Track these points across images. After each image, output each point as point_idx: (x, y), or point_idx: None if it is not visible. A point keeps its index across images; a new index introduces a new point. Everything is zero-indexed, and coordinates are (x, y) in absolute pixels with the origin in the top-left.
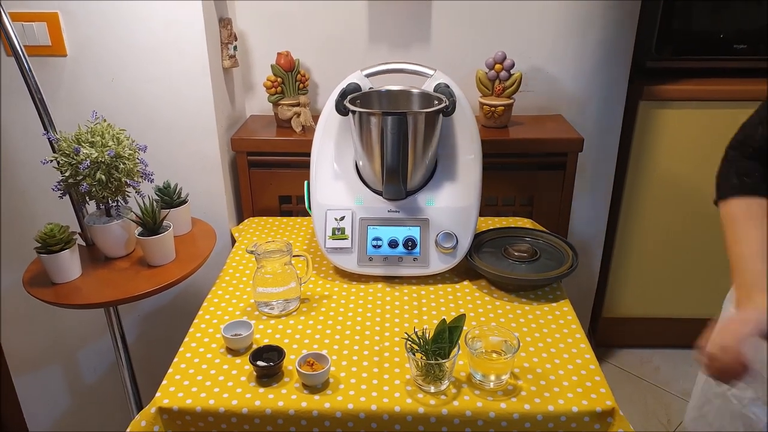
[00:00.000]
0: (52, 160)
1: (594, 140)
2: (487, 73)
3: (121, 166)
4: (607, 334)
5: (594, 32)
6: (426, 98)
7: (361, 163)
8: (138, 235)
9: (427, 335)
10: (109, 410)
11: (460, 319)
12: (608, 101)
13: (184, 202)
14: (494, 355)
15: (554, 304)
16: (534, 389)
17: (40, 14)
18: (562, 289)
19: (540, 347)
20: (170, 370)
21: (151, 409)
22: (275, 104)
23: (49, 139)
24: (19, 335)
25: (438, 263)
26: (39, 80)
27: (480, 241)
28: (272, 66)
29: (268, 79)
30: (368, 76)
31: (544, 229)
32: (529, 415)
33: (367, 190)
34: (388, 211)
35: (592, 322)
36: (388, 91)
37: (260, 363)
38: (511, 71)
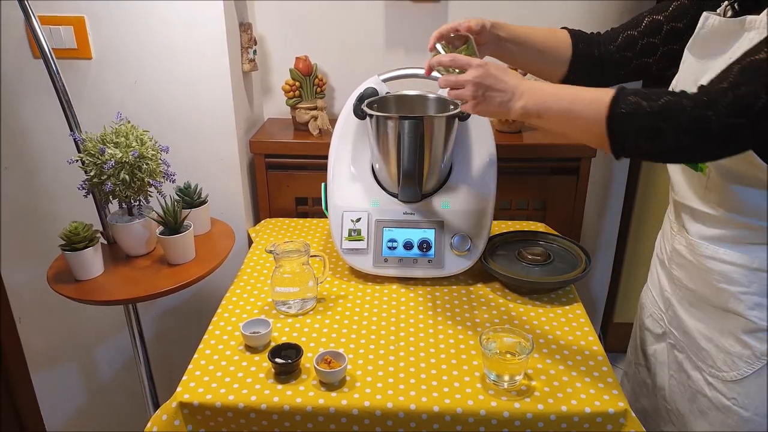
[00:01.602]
0: (77, 160)
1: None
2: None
3: (144, 166)
4: (617, 340)
5: None
6: (442, 103)
7: (377, 166)
8: (159, 234)
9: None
10: (125, 406)
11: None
12: None
13: (204, 202)
14: (508, 355)
15: (567, 307)
16: (547, 390)
17: (68, 18)
18: (575, 293)
19: (553, 349)
20: (190, 366)
21: (172, 403)
22: (293, 108)
23: (75, 139)
24: (37, 332)
25: (452, 265)
26: (65, 82)
27: (494, 244)
28: (290, 70)
29: (286, 83)
30: (385, 80)
31: (557, 233)
32: (543, 415)
33: (383, 192)
34: (404, 214)
35: (603, 327)
36: (405, 96)
37: (279, 360)
38: (527, 77)
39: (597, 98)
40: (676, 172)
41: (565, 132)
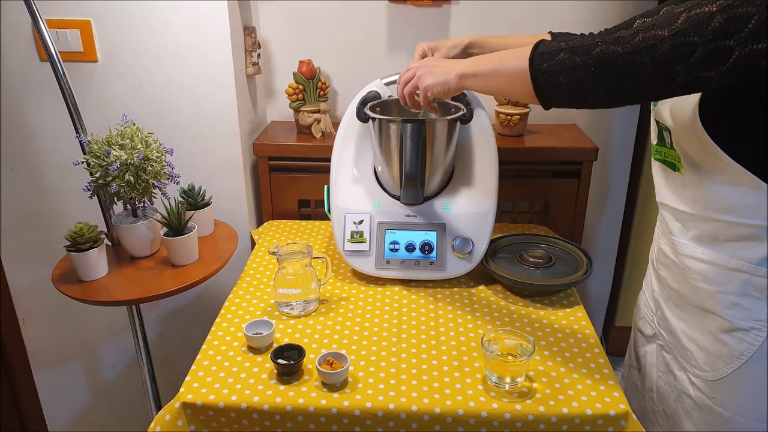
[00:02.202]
0: (83, 162)
1: (608, 149)
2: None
3: (149, 168)
4: (619, 343)
5: None
6: (444, 106)
7: (379, 168)
8: (163, 235)
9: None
10: (128, 407)
11: None
12: (623, 111)
13: (208, 204)
14: (510, 357)
15: (568, 310)
16: (548, 392)
17: (75, 21)
18: (576, 295)
19: (554, 351)
20: (193, 367)
21: (175, 404)
22: (296, 111)
23: (80, 141)
24: (42, 332)
25: (454, 268)
26: (71, 85)
27: (496, 246)
28: (294, 74)
29: (290, 86)
30: (388, 84)
31: (558, 236)
32: (544, 417)
33: (386, 194)
34: (406, 216)
35: (605, 330)
36: None
37: (281, 361)
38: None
39: (523, 49)
40: (657, 174)
41: (500, 89)
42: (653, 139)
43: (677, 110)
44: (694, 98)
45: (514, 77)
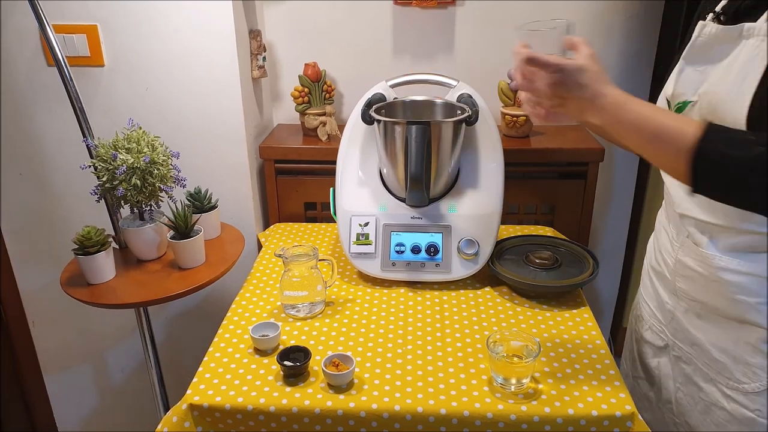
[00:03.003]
0: (90, 166)
1: (615, 150)
2: (509, 83)
3: (156, 171)
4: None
5: (615, 43)
6: (449, 108)
7: (385, 170)
8: (170, 238)
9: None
10: (136, 408)
11: None
12: None
13: (215, 207)
14: (515, 359)
15: (574, 311)
16: (554, 393)
17: (81, 26)
18: (583, 297)
19: (560, 352)
20: (200, 369)
21: (182, 405)
22: (302, 113)
23: (87, 145)
24: (49, 335)
25: (460, 269)
26: (78, 89)
27: (501, 248)
28: (299, 77)
29: (295, 89)
30: (393, 86)
31: (565, 238)
32: (549, 418)
33: (391, 196)
34: (411, 218)
35: (612, 332)
36: (412, 101)
37: (287, 363)
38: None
39: (681, 132)
40: (674, 185)
41: (637, 151)
42: None
43: (717, 121)
44: (739, 107)
45: (664, 159)
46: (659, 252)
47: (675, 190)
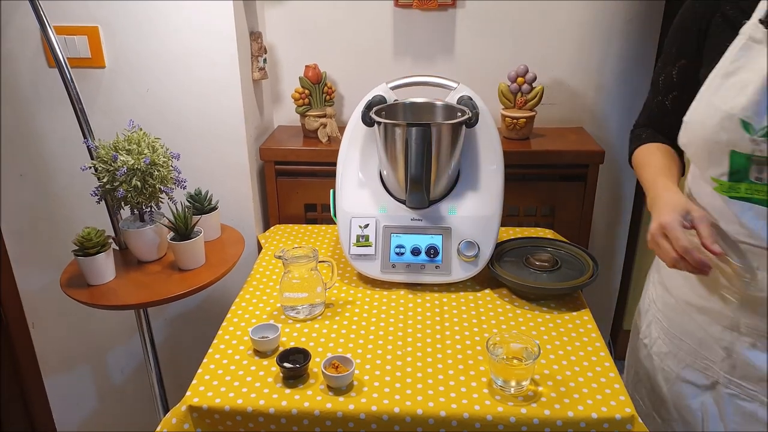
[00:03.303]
0: (90, 167)
1: (615, 152)
2: (509, 86)
3: (156, 173)
4: (626, 348)
5: (616, 45)
6: (449, 110)
7: (385, 172)
8: (170, 240)
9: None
10: (136, 410)
11: None
12: (630, 114)
13: (215, 208)
14: (515, 361)
15: (574, 313)
16: (554, 395)
17: (82, 28)
18: (583, 299)
19: (560, 354)
20: (200, 371)
21: (181, 407)
22: (302, 115)
23: (88, 146)
24: (49, 336)
25: (460, 271)
26: (79, 90)
27: (501, 250)
28: (300, 78)
29: (296, 91)
30: (393, 88)
31: (565, 240)
32: (549, 421)
33: (391, 198)
34: (411, 220)
35: (612, 335)
36: (413, 103)
37: (287, 365)
38: (533, 84)
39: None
40: (743, 211)
41: None
42: (722, 175)
43: None
44: None
45: None
46: (700, 287)
47: (750, 220)
